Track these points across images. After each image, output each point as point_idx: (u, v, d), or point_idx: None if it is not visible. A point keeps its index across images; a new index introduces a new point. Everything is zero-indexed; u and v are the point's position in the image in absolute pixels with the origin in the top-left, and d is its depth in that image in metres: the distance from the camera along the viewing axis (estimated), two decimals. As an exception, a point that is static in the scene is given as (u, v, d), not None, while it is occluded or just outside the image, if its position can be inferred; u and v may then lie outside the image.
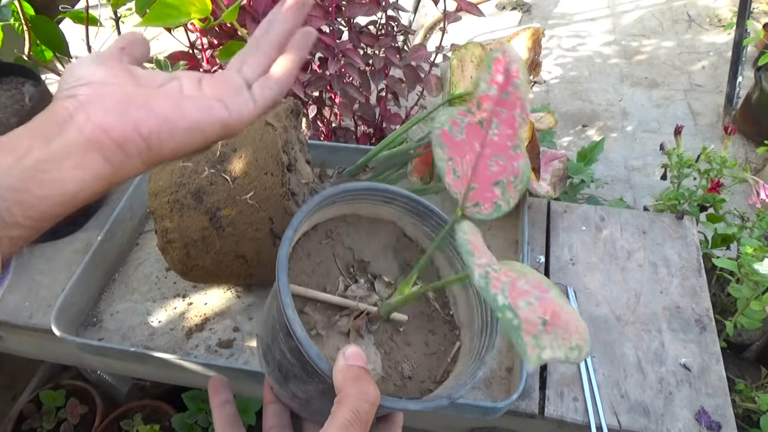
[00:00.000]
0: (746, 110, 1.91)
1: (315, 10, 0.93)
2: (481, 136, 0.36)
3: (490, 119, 0.36)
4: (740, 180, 0.94)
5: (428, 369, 0.41)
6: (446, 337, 0.44)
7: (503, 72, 0.36)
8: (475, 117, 0.36)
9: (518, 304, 0.26)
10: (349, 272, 0.44)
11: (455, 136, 0.35)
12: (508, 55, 0.36)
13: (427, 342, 0.43)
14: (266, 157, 0.62)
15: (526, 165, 0.37)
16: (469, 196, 0.36)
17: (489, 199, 0.36)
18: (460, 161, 0.35)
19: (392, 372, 0.40)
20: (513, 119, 0.36)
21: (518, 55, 0.37)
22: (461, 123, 0.36)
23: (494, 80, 0.36)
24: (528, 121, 0.38)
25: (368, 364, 0.37)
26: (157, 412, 1.16)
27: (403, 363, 0.41)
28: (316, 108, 1.18)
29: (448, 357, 0.42)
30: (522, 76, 0.36)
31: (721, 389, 0.64)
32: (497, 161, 0.36)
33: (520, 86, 0.36)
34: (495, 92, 0.36)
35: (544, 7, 2.68)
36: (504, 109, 0.36)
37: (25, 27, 0.94)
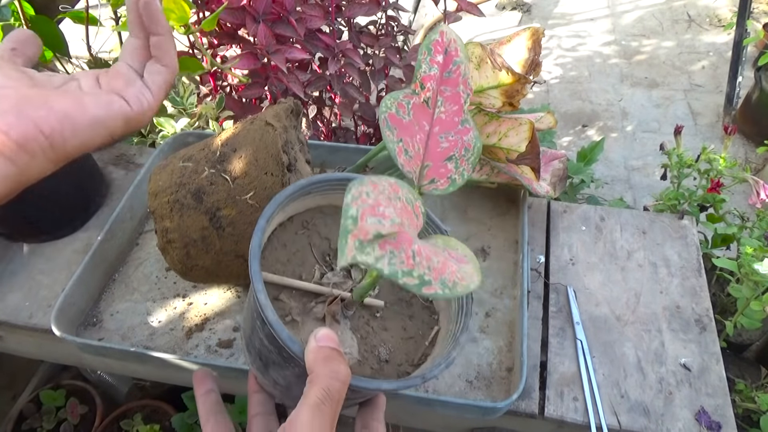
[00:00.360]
0: (746, 110, 1.91)
1: (315, 10, 0.93)
2: (428, 115, 0.37)
3: (435, 98, 0.37)
4: (740, 180, 0.94)
5: (406, 353, 0.42)
6: (425, 322, 0.44)
7: (443, 52, 0.37)
8: (419, 97, 0.37)
9: (365, 218, 0.28)
10: (326, 261, 0.45)
11: (402, 118, 0.36)
12: (446, 36, 0.37)
13: (405, 327, 0.43)
14: (266, 157, 0.62)
15: (476, 137, 0.38)
16: (424, 175, 0.37)
17: (443, 174, 0.37)
18: (410, 141, 0.36)
19: (369, 356, 0.41)
20: (457, 95, 0.38)
21: (456, 34, 0.38)
22: (407, 105, 0.37)
23: (435, 60, 0.37)
24: (470, 93, 0.39)
25: (344, 348, 0.38)
26: (157, 412, 1.16)
27: (380, 347, 0.41)
28: (316, 108, 1.18)
29: (426, 341, 0.43)
30: (461, 55, 0.38)
31: (721, 389, 0.64)
32: (447, 137, 0.38)
33: (460, 63, 0.38)
34: (437, 72, 0.37)
35: (544, 7, 2.68)
36: (447, 87, 0.38)
37: (25, 27, 0.94)
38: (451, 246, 0.33)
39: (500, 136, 0.67)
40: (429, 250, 0.30)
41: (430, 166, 0.37)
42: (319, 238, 0.46)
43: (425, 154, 0.37)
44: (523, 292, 0.67)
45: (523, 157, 0.67)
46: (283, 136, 0.64)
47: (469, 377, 0.66)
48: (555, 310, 0.72)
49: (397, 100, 0.36)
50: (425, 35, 2.41)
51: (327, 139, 1.21)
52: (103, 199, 0.90)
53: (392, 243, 0.28)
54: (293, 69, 0.99)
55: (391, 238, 0.28)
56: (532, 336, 0.70)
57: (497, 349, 0.68)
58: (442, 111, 0.38)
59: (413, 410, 0.69)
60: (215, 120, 0.94)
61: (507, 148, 0.66)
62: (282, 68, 0.88)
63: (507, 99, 0.64)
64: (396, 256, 0.28)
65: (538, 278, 0.76)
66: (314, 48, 0.97)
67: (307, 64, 1.06)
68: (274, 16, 0.90)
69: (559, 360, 0.67)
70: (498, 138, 0.67)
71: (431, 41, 0.38)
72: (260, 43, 0.86)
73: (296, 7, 0.90)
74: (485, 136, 0.68)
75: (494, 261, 0.78)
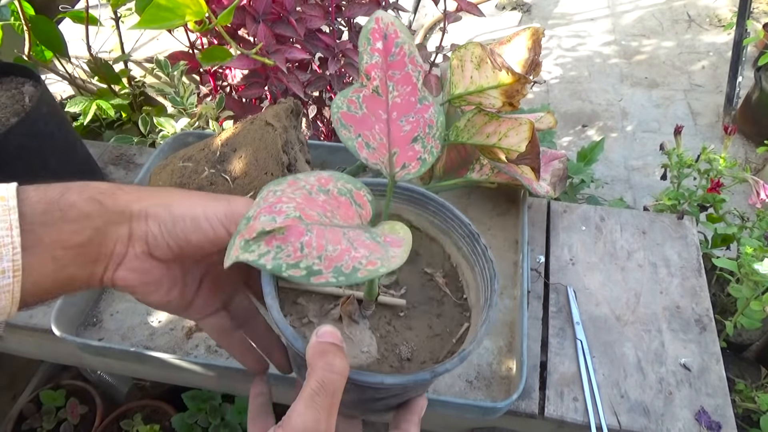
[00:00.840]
0: (746, 110, 1.91)
1: (315, 10, 0.93)
2: (382, 103, 0.37)
3: (385, 84, 0.37)
4: (740, 180, 0.94)
5: (430, 350, 0.42)
6: (454, 319, 0.44)
7: (382, 38, 0.37)
8: (368, 89, 0.37)
9: (258, 217, 0.29)
10: None
11: (355, 113, 0.36)
12: (382, 21, 0.37)
13: (431, 325, 0.43)
14: (266, 157, 0.62)
15: (438, 111, 0.38)
16: (394, 162, 0.37)
17: (412, 157, 0.37)
18: (369, 134, 0.36)
19: (389, 354, 0.41)
20: (407, 75, 0.38)
21: (390, 16, 0.38)
22: (357, 99, 0.37)
23: (375, 48, 0.37)
24: (421, 70, 0.38)
25: (362, 347, 0.38)
26: (157, 412, 1.16)
27: (401, 345, 0.41)
28: (316, 108, 1.18)
29: (453, 338, 0.43)
30: (402, 35, 0.38)
31: (721, 389, 0.64)
32: (407, 119, 0.37)
33: (402, 44, 0.38)
34: (379, 59, 0.37)
35: (544, 7, 2.68)
36: (396, 71, 0.38)
37: (25, 27, 0.94)
38: (391, 231, 0.33)
39: (500, 136, 0.67)
40: (332, 239, 0.30)
41: (397, 152, 0.37)
42: None
43: (390, 142, 0.37)
44: (523, 292, 0.67)
45: (523, 157, 0.67)
46: (283, 136, 0.64)
47: (469, 377, 0.66)
48: (555, 310, 0.72)
49: (346, 97, 0.36)
50: (425, 35, 2.41)
51: (327, 139, 1.21)
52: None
53: (279, 238, 0.28)
54: (293, 69, 0.99)
55: (279, 233, 0.28)
56: (532, 336, 0.70)
57: (497, 349, 0.68)
58: (395, 95, 0.38)
59: (413, 410, 0.69)
60: (215, 120, 0.94)
61: (507, 148, 0.66)
62: (282, 68, 0.88)
63: (507, 99, 0.64)
64: (282, 250, 0.28)
65: (538, 278, 0.76)
66: (314, 48, 0.97)
67: (307, 64, 1.06)
68: (274, 16, 0.90)
69: (559, 360, 0.67)
70: (498, 138, 0.67)
71: (368, 30, 0.37)
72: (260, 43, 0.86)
73: (296, 7, 0.90)
74: (485, 136, 0.68)
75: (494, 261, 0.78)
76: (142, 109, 1.13)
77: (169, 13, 0.68)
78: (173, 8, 0.68)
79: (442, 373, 0.36)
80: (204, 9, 0.70)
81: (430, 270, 0.46)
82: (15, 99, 0.76)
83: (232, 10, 0.71)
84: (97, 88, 1.22)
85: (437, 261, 0.47)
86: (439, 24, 2.19)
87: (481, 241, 0.42)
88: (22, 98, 0.76)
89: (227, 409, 1.10)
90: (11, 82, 0.79)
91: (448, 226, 0.45)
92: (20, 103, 0.76)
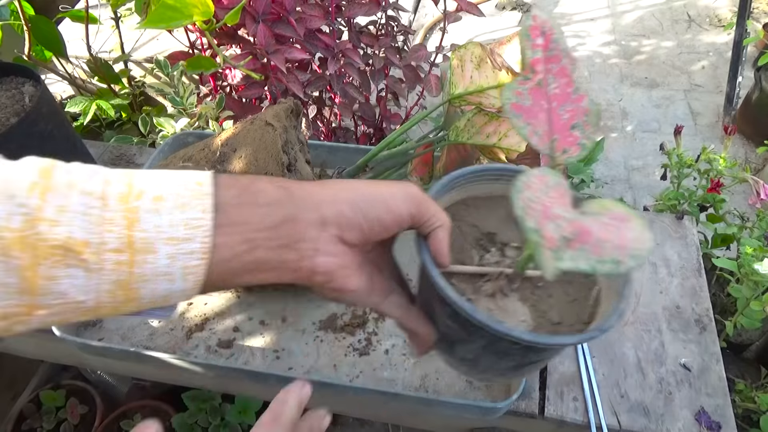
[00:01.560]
0: (746, 110, 1.91)
1: (315, 10, 0.93)
2: (543, 94, 0.42)
3: (546, 77, 0.41)
4: (740, 180, 0.94)
5: (576, 313, 0.45)
6: (583, 284, 0.48)
7: (541, 34, 0.42)
8: (533, 81, 0.41)
9: (545, 227, 0.32)
10: (480, 245, 0.50)
11: (523, 103, 0.41)
12: (538, 18, 0.42)
13: (567, 291, 0.47)
14: (266, 157, 0.62)
15: (590, 101, 0.44)
16: (554, 147, 0.41)
17: (572, 142, 0.42)
18: (535, 122, 0.41)
19: (542, 321, 0.45)
20: (564, 69, 0.43)
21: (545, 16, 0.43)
22: (524, 91, 0.41)
23: (536, 44, 0.42)
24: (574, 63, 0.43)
25: (519, 317, 0.44)
26: (157, 412, 1.16)
27: (549, 311, 0.45)
28: (316, 108, 1.18)
29: (589, 301, 0.46)
30: (557, 31, 0.42)
31: (721, 389, 0.64)
32: (566, 109, 0.42)
33: (559, 40, 0.43)
34: (540, 54, 0.42)
35: (544, 7, 2.68)
36: (553, 64, 0.42)
37: (25, 27, 0.94)
38: (608, 209, 0.36)
39: (500, 136, 0.67)
40: (600, 227, 0.33)
41: (557, 138, 0.41)
42: (468, 226, 0.51)
43: (551, 130, 0.41)
44: (523, 292, 0.67)
45: (523, 157, 0.67)
46: (283, 136, 0.64)
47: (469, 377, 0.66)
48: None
49: (514, 89, 0.41)
50: (425, 35, 2.41)
51: (327, 139, 1.21)
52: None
53: (577, 240, 0.32)
54: (293, 69, 0.99)
55: (572, 236, 0.32)
56: (532, 336, 0.70)
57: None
58: (554, 87, 0.42)
59: (413, 410, 0.69)
60: (215, 120, 0.94)
61: (507, 148, 0.66)
62: (282, 68, 0.88)
63: None
64: (585, 250, 0.31)
65: (538, 278, 0.76)
66: (314, 48, 0.97)
67: (306, 64, 1.06)
68: (274, 16, 0.90)
69: (559, 360, 0.67)
70: (498, 138, 0.67)
71: (527, 27, 0.42)
72: (260, 43, 0.86)
73: (296, 7, 0.90)
74: (485, 136, 0.68)
75: (494, 261, 0.78)
76: (142, 109, 1.13)
77: (176, 13, 0.68)
78: (180, 8, 0.68)
79: (607, 330, 0.40)
80: (211, 8, 0.70)
81: None
82: (15, 99, 0.76)
83: (239, 10, 0.72)
84: (97, 88, 1.22)
85: None
86: (439, 24, 2.19)
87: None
88: (22, 98, 0.76)
89: (227, 409, 1.10)
90: (11, 82, 0.79)
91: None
92: (20, 103, 0.76)
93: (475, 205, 0.52)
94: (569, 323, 0.45)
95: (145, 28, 0.70)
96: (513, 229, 0.51)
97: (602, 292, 0.47)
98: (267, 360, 0.68)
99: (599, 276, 0.47)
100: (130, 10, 1.38)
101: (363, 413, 0.79)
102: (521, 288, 0.47)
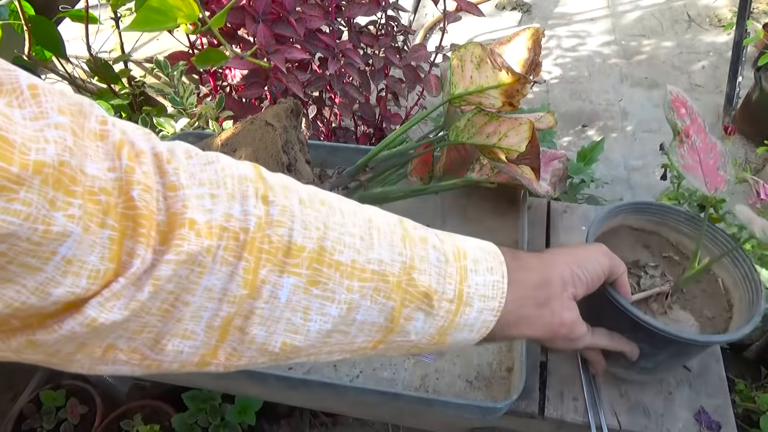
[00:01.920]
0: (746, 110, 1.91)
1: (315, 10, 0.93)
2: (695, 150, 0.54)
3: (691, 136, 0.54)
4: (740, 180, 0.94)
5: (718, 304, 0.59)
6: (709, 279, 0.62)
7: (682, 105, 0.54)
8: (688, 143, 0.54)
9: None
10: (631, 273, 0.62)
11: (688, 162, 0.54)
12: (674, 92, 0.55)
13: (703, 289, 0.61)
14: (266, 157, 0.62)
15: (722, 146, 0.56)
16: (709, 186, 0.53)
17: (720, 180, 0.54)
18: (698, 175, 0.54)
19: (702, 319, 0.58)
20: (700, 126, 0.55)
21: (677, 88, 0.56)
22: (684, 153, 0.54)
23: (681, 113, 0.54)
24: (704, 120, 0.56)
25: (688, 323, 0.57)
26: (157, 412, 1.16)
27: (703, 309, 0.58)
28: (316, 108, 1.18)
29: (721, 290, 0.60)
30: (688, 99, 0.55)
31: (721, 389, 0.64)
32: (710, 156, 0.55)
33: (694, 109, 0.55)
34: (688, 121, 0.54)
35: (544, 7, 2.68)
36: (693, 125, 0.54)
37: (25, 27, 0.94)
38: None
39: (500, 136, 0.67)
40: None
41: (709, 180, 0.54)
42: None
43: (704, 174, 0.54)
44: (523, 292, 0.67)
45: (523, 156, 0.67)
46: (283, 136, 0.64)
47: (469, 377, 0.66)
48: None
49: (677, 153, 0.54)
50: (425, 35, 2.41)
51: (327, 139, 1.21)
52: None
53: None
54: (293, 69, 0.99)
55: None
56: (532, 336, 0.70)
57: (497, 349, 0.68)
58: (698, 143, 0.54)
59: (413, 410, 0.69)
60: (215, 120, 0.94)
61: (507, 148, 0.66)
62: (282, 68, 0.88)
63: (507, 99, 0.64)
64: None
65: (538, 278, 0.76)
66: (314, 48, 0.97)
67: (306, 64, 1.06)
68: (274, 16, 0.90)
69: (559, 360, 0.67)
70: (498, 138, 0.67)
71: (668, 102, 0.54)
72: (260, 43, 0.86)
73: (296, 7, 0.90)
74: (485, 136, 0.68)
75: (494, 261, 0.78)
76: (142, 109, 1.13)
77: (161, 16, 0.68)
78: (165, 11, 0.68)
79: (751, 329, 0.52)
80: (196, 12, 0.69)
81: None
82: (15, 99, 0.76)
83: (224, 14, 0.71)
84: (97, 88, 1.22)
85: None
86: (439, 24, 2.19)
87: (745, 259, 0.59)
88: (22, 98, 0.76)
89: (227, 409, 1.10)
90: (11, 82, 0.79)
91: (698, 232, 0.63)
92: (20, 103, 0.75)
93: (620, 236, 0.65)
94: (719, 314, 0.58)
95: (132, 31, 0.70)
96: (642, 252, 0.65)
97: (726, 280, 0.61)
98: (267, 360, 0.68)
99: (715, 269, 0.62)
100: (130, 10, 1.38)
101: (363, 413, 0.79)
102: (677, 299, 0.59)
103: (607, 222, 0.63)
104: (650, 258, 0.64)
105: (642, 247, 0.65)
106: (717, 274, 0.62)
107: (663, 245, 0.66)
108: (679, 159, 0.52)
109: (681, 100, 0.54)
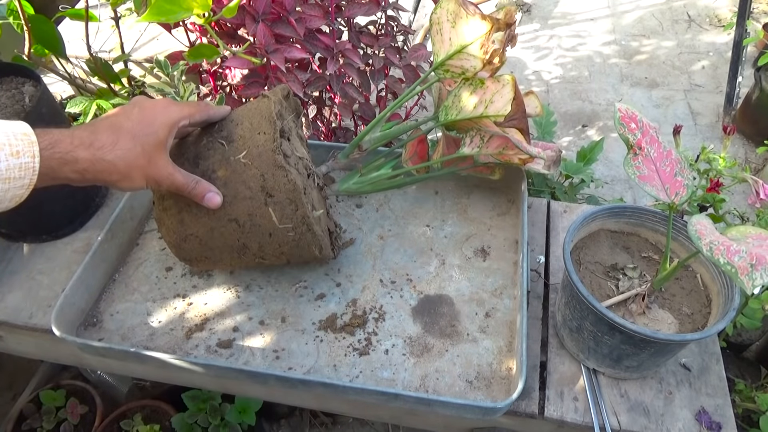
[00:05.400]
0: (746, 110, 1.91)
1: (315, 10, 0.93)
2: (650, 160, 0.56)
3: (644, 148, 0.56)
4: (740, 180, 0.94)
5: (697, 301, 0.61)
6: (688, 276, 0.63)
7: (630, 119, 0.57)
8: (641, 155, 0.56)
9: (733, 260, 0.45)
10: (609, 276, 0.63)
11: (644, 173, 0.55)
12: (623, 109, 0.57)
13: (682, 286, 0.63)
14: (260, 120, 0.64)
15: (678, 152, 0.58)
16: (669, 193, 0.55)
17: (679, 186, 0.56)
18: (655, 183, 0.55)
19: (681, 317, 0.60)
20: (653, 137, 0.57)
21: (628, 106, 0.58)
22: (639, 164, 0.55)
23: (631, 128, 0.56)
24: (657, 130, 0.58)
25: (667, 321, 0.59)
26: (157, 412, 1.16)
27: (681, 307, 0.61)
28: (316, 108, 1.18)
29: (700, 287, 0.62)
30: (638, 114, 0.57)
31: (721, 389, 0.64)
32: (666, 163, 0.57)
33: (644, 122, 0.57)
34: (639, 135, 0.56)
35: (544, 7, 2.68)
36: (645, 137, 0.56)
37: (25, 26, 0.94)
38: (745, 233, 0.49)
39: (486, 104, 0.67)
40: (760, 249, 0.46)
41: (668, 187, 0.56)
42: (593, 265, 0.65)
43: (663, 182, 0.56)
44: (522, 292, 0.67)
45: (510, 118, 0.67)
46: (276, 105, 0.65)
47: (469, 377, 0.66)
48: (555, 310, 0.72)
49: (632, 165, 0.55)
50: (425, 35, 2.41)
51: (327, 139, 1.21)
52: (103, 199, 0.90)
53: (757, 263, 0.44)
54: (293, 69, 0.99)
55: (753, 259, 0.44)
56: (532, 336, 0.70)
57: (497, 349, 0.68)
58: (652, 152, 0.56)
59: (413, 410, 0.69)
60: (215, 120, 0.93)
61: (494, 114, 0.66)
62: (281, 68, 0.88)
63: (485, 57, 0.64)
64: (765, 269, 0.44)
65: (538, 278, 0.76)
66: (314, 48, 0.97)
67: (306, 64, 1.06)
68: (274, 15, 0.90)
69: (559, 360, 0.67)
70: (484, 107, 0.67)
71: (618, 118, 0.56)
72: (260, 42, 0.86)
73: (296, 7, 0.90)
74: (472, 107, 0.68)
75: (494, 261, 0.78)
76: (142, 109, 1.12)
77: (174, 6, 0.69)
78: (179, 1, 0.69)
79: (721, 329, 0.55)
80: (209, 1, 0.70)
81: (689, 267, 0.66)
82: (15, 99, 0.76)
83: (237, 4, 0.72)
84: (97, 88, 1.22)
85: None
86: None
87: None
88: (22, 98, 0.76)
89: (227, 409, 1.10)
90: (11, 82, 0.79)
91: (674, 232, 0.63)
92: (20, 103, 0.75)
93: (596, 241, 0.67)
94: (697, 309, 0.60)
95: (145, 22, 0.70)
96: (621, 254, 0.66)
97: (704, 276, 0.63)
98: (267, 360, 0.68)
99: (693, 265, 0.64)
100: (130, 10, 1.38)
101: (363, 413, 0.79)
102: (656, 298, 0.61)
103: (585, 227, 0.65)
104: (629, 260, 0.65)
105: (621, 249, 0.67)
106: (695, 270, 0.64)
107: (642, 246, 0.67)
108: (634, 171, 0.54)
109: (630, 115, 0.56)
